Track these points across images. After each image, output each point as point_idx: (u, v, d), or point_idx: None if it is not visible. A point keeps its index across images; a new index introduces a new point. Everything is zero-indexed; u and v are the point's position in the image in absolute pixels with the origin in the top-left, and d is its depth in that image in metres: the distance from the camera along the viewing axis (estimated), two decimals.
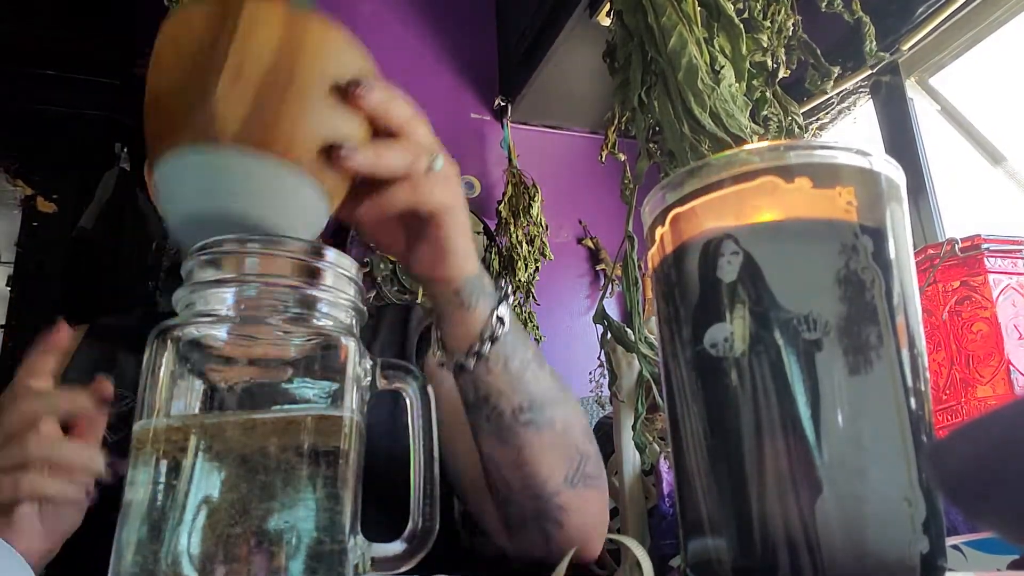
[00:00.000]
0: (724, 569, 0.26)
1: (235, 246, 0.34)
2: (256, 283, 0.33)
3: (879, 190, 0.28)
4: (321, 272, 0.34)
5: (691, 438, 0.28)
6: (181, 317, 0.33)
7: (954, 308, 0.87)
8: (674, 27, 0.66)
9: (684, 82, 0.64)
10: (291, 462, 0.31)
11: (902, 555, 0.24)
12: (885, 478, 0.25)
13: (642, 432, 0.77)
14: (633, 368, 0.85)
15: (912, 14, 1.34)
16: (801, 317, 0.25)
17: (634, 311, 0.76)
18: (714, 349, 0.27)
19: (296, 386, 0.33)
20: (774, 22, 0.71)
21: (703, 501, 0.27)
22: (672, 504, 0.87)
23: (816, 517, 0.24)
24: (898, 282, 0.27)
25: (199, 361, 0.33)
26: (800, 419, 0.25)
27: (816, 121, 1.55)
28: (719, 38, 0.68)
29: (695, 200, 0.28)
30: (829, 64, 0.71)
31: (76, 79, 2.44)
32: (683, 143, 0.64)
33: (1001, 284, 0.85)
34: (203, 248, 0.34)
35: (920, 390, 0.26)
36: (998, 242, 0.87)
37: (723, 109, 0.64)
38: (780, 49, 0.70)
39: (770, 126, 0.69)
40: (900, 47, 1.38)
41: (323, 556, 0.31)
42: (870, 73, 1.43)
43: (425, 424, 0.37)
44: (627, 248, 0.77)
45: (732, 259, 0.27)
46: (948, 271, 0.88)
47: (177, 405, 0.32)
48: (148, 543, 0.29)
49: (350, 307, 0.35)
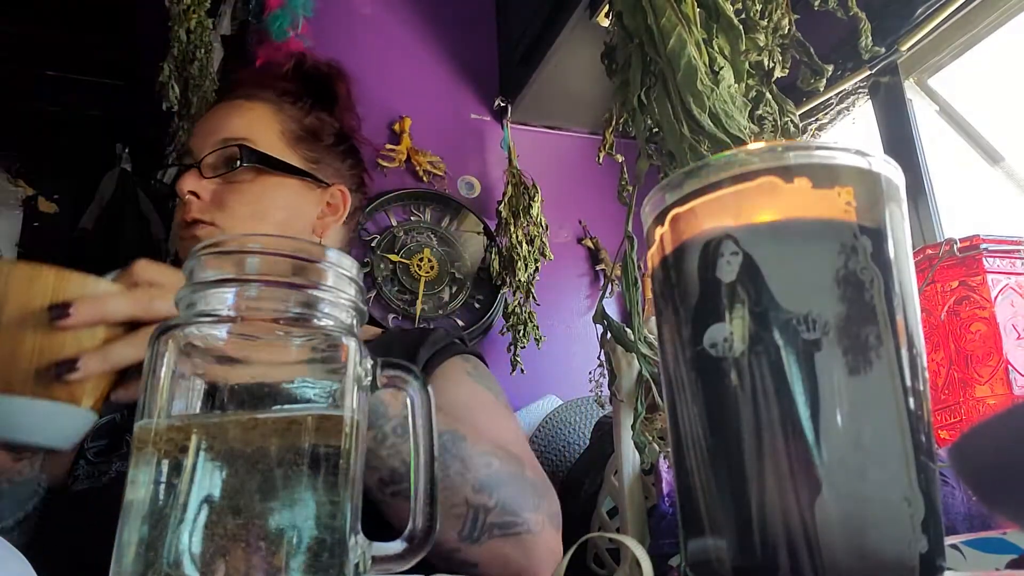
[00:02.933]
0: (724, 569, 0.26)
1: (236, 246, 0.34)
2: (257, 283, 0.33)
3: (878, 190, 0.28)
4: (322, 272, 0.34)
5: (691, 438, 0.28)
6: (182, 317, 0.33)
7: (953, 308, 0.87)
8: (673, 28, 0.66)
9: (683, 83, 0.64)
10: (292, 461, 0.31)
11: (901, 554, 0.24)
12: (884, 478, 0.25)
13: (642, 432, 0.77)
14: (633, 368, 0.85)
15: (911, 15, 1.35)
16: (800, 317, 0.26)
17: (633, 311, 0.76)
18: (714, 349, 0.27)
19: (297, 386, 0.33)
20: (771, 21, 0.71)
21: (703, 501, 0.27)
22: (672, 504, 0.87)
23: (815, 517, 0.24)
24: (897, 282, 0.27)
25: (200, 361, 0.33)
26: (799, 419, 0.25)
27: (815, 122, 1.55)
28: (718, 39, 0.68)
29: (694, 200, 0.29)
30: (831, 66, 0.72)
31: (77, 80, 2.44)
32: (682, 144, 0.64)
33: (1000, 284, 0.85)
34: (204, 248, 0.34)
35: (919, 390, 0.26)
36: (997, 242, 0.87)
37: (722, 110, 0.64)
38: (776, 49, 0.70)
39: (765, 126, 0.69)
40: (899, 48, 1.38)
41: (324, 555, 0.31)
42: (869, 74, 1.43)
43: (425, 424, 0.37)
44: (626, 248, 0.77)
45: (731, 259, 0.27)
46: (947, 271, 0.88)
47: (178, 405, 0.32)
48: (149, 543, 0.30)
49: (351, 307, 0.35)
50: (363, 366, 0.35)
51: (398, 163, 1.84)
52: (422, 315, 1.76)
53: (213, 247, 0.34)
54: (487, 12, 2.09)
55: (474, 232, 1.88)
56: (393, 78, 1.92)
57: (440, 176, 1.89)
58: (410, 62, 1.95)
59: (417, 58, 1.97)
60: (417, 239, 1.81)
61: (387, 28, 1.94)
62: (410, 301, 1.76)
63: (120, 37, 2.38)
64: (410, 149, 1.86)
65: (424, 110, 1.92)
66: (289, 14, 1.61)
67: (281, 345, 0.33)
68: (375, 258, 1.75)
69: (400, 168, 1.85)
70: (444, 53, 2.00)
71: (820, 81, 0.71)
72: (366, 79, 1.88)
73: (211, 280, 0.33)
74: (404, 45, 1.96)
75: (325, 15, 1.75)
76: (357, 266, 0.36)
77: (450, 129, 1.95)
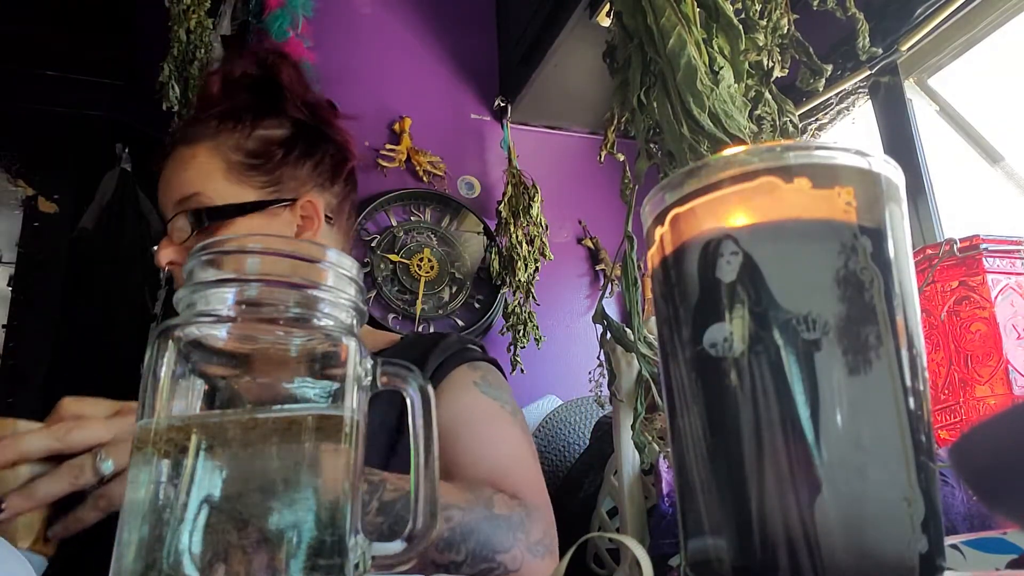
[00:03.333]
0: (724, 568, 0.26)
1: (236, 246, 0.34)
2: (257, 283, 0.33)
3: (878, 190, 0.28)
4: (322, 272, 0.34)
5: (690, 438, 0.28)
6: (182, 317, 0.33)
7: (952, 308, 0.87)
8: (673, 28, 0.66)
9: (683, 83, 0.65)
10: (292, 461, 0.31)
11: (901, 554, 0.24)
12: (884, 478, 0.25)
13: (641, 432, 0.77)
14: (632, 368, 0.85)
15: (911, 15, 1.35)
16: (800, 317, 0.26)
17: (633, 311, 0.76)
18: (713, 349, 0.27)
19: (297, 386, 0.33)
20: (770, 21, 0.71)
21: (703, 501, 0.27)
22: (671, 504, 0.87)
23: (815, 516, 0.24)
24: (897, 282, 0.27)
25: (200, 361, 0.33)
26: (799, 419, 0.25)
27: (815, 122, 1.55)
28: (718, 39, 0.69)
29: (694, 200, 0.29)
30: (830, 66, 0.72)
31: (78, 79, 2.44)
32: (682, 144, 0.64)
33: (999, 284, 0.85)
34: (204, 248, 0.34)
35: (919, 390, 0.26)
36: (996, 242, 0.87)
37: (722, 110, 0.64)
38: (775, 49, 0.70)
39: (764, 125, 0.69)
40: (899, 48, 1.38)
41: (324, 555, 0.31)
42: (869, 74, 1.43)
43: (425, 424, 0.37)
44: (626, 248, 0.77)
45: (731, 259, 0.27)
46: (947, 271, 0.88)
47: (178, 405, 0.32)
48: (149, 542, 0.30)
49: (351, 307, 0.35)
50: (363, 366, 0.35)
51: (398, 163, 1.84)
52: (422, 315, 1.76)
53: (213, 247, 0.34)
54: (487, 12, 2.09)
55: (474, 232, 1.89)
56: (393, 78, 1.92)
57: (440, 176, 1.89)
58: (410, 62, 1.95)
59: (417, 58, 1.97)
60: (417, 239, 1.81)
61: (387, 28, 1.94)
62: (410, 301, 1.76)
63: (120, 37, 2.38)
64: (410, 149, 1.86)
65: (424, 110, 1.93)
66: (289, 14, 1.61)
67: (281, 345, 0.33)
68: (375, 258, 1.75)
69: (400, 168, 1.85)
70: (444, 53, 2.00)
71: (819, 81, 0.71)
72: (366, 79, 1.89)
73: (211, 280, 0.33)
74: (404, 45, 1.96)
75: (325, 15, 1.75)
76: (357, 266, 0.36)
77: (450, 129, 1.96)
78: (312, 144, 0.87)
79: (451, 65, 2.01)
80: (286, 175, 0.83)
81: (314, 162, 0.86)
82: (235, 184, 0.80)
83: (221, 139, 0.82)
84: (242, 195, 0.80)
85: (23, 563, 0.43)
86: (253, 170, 0.81)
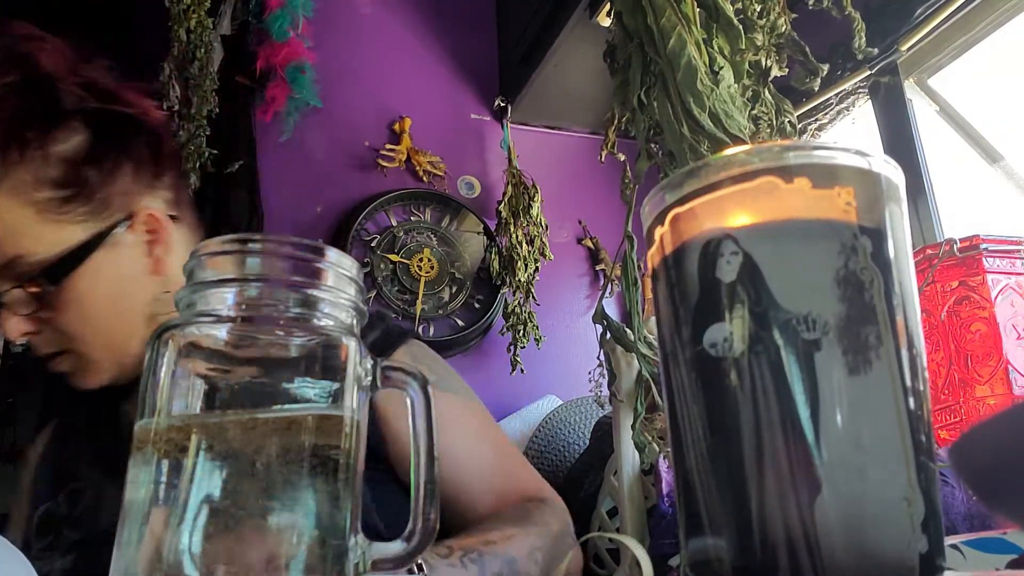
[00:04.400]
0: (724, 569, 0.26)
1: (236, 246, 0.34)
2: (257, 283, 0.33)
3: (878, 190, 0.28)
4: (322, 272, 0.34)
5: (691, 438, 0.28)
6: (182, 317, 0.33)
7: (952, 308, 0.87)
8: (673, 28, 0.66)
9: (683, 83, 0.65)
10: (292, 461, 0.31)
11: (901, 554, 0.24)
12: (884, 478, 0.25)
13: (641, 432, 0.77)
14: (632, 368, 0.85)
15: (911, 15, 1.35)
16: (800, 317, 0.26)
17: (633, 311, 0.76)
18: (713, 349, 0.27)
19: (297, 386, 0.33)
20: (767, 21, 0.71)
21: (703, 501, 0.27)
22: (671, 504, 0.87)
23: (815, 516, 0.24)
24: (897, 282, 0.27)
25: (200, 361, 0.33)
26: (799, 419, 0.25)
27: (815, 122, 1.55)
28: (718, 39, 0.69)
29: (694, 200, 0.29)
30: (830, 66, 0.72)
31: None
32: (682, 143, 0.64)
33: (999, 284, 0.85)
34: (204, 248, 0.34)
35: (919, 390, 0.26)
36: (996, 242, 0.87)
37: (722, 110, 0.64)
38: (772, 49, 0.70)
39: (760, 125, 0.69)
40: (899, 48, 1.38)
41: (323, 555, 0.31)
42: (869, 74, 1.43)
43: (425, 424, 0.37)
44: (626, 248, 0.77)
45: (731, 259, 0.27)
46: (947, 271, 0.88)
47: (178, 405, 0.32)
48: (149, 543, 0.30)
49: (351, 307, 0.35)
50: (363, 366, 0.35)
51: (398, 163, 1.84)
52: (422, 315, 1.76)
53: (213, 247, 0.34)
54: (487, 12, 2.09)
55: (474, 232, 1.89)
56: (393, 78, 1.92)
57: (440, 176, 1.89)
58: (410, 62, 1.95)
59: (417, 58, 1.97)
60: (417, 239, 1.81)
61: (387, 28, 1.94)
62: (410, 301, 1.76)
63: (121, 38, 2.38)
64: (410, 149, 1.86)
65: (424, 110, 1.93)
66: (289, 14, 1.61)
67: (281, 345, 0.33)
68: (375, 258, 1.75)
69: (400, 168, 1.85)
70: (444, 53, 2.00)
71: (815, 81, 0.71)
72: (366, 79, 1.89)
73: (211, 280, 0.33)
74: (404, 45, 1.96)
75: (325, 15, 1.75)
76: (357, 266, 0.36)
77: (450, 129, 1.96)
78: (118, 140, 0.71)
79: (451, 65, 2.01)
80: (106, 191, 0.69)
81: (132, 163, 0.71)
82: (56, 224, 0.66)
83: (14, 177, 0.65)
84: (69, 236, 0.67)
85: (23, 563, 0.43)
86: (69, 203, 0.67)
